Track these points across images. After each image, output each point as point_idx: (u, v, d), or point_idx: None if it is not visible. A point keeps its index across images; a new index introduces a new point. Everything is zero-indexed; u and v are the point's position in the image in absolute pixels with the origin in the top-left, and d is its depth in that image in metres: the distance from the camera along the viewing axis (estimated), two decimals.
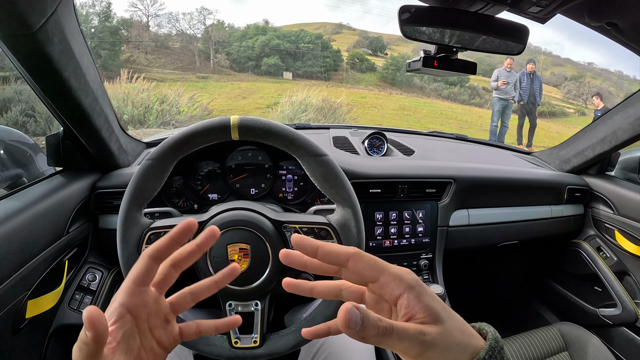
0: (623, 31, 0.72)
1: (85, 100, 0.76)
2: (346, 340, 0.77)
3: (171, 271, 0.39)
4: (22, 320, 0.73)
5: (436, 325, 0.33)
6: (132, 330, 0.37)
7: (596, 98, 6.75)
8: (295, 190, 1.06)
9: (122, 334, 0.35)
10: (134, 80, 6.83)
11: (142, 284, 0.37)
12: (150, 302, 0.38)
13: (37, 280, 0.75)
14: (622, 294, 1.24)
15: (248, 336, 0.62)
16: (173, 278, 0.40)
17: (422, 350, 0.32)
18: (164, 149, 0.59)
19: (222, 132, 0.58)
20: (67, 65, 0.66)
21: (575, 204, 1.36)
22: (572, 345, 1.06)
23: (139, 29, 16.49)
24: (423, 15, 0.68)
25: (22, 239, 0.71)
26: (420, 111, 12.70)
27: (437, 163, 1.21)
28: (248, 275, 0.60)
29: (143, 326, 0.38)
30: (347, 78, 17.02)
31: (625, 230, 1.22)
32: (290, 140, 0.59)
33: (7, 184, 0.95)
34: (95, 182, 0.96)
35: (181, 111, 6.82)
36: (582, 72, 19.71)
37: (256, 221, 0.60)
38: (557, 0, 0.64)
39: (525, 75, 6.35)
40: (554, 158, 1.44)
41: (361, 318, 0.29)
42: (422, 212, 1.12)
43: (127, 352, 0.36)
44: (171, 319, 0.40)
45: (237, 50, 17.26)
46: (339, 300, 0.61)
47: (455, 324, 0.34)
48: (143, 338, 0.38)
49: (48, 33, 0.58)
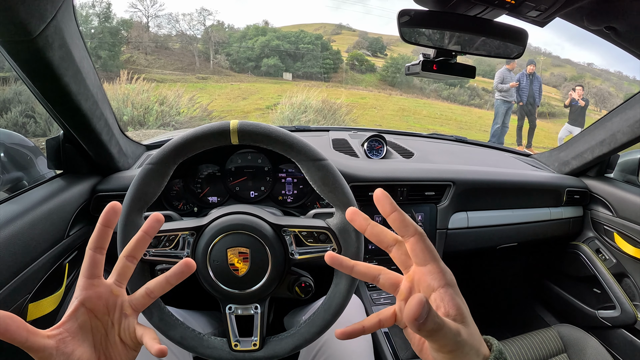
0: (622, 35, 0.72)
1: (86, 104, 0.76)
2: (345, 343, 0.77)
3: (126, 263, 0.41)
4: None
5: (464, 327, 0.34)
6: (89, 322, 0.39)
7: (579, 89, 6.73)
8: (295, 193, 1.06)
9: (78, 326, 0.37)
10: (133, 81, 6.83)
11: (91, 276, 0.39)
12: (105, 294, 0.40)
13: (37, 283, 0.75)
14: (621, 296, 1.24)
15: (248, 339, 0.63)
16: (130, 269, 0.42)
17: (455, 348, 0.33)
18: (164, 153, 0.59)
19: (221, 137, 0.59)
20: (67, 70, 0.67)
21: (575, 206, 1.36)
22: (571, 347, 1.06)
23: (139, 30, 16.50)
24: (422, 19, 0.69)
25: (22, 242, 0.71)
26: (419, 112, 12.71)
27: (436, 166, 1.21)
28: (248, 279, 0.60)
29: (105, 320, 0.40)
30: (347, 79, 17.04)
31: (624, 232, 1.22)
32: (289, 144, 0.59)
33: (8, 187, 0.95)
34: (96, 185, 0.96)
35: (181, 112, 6.82)
36: (582, 73, 19.74)
37: (256, 225, 0.60)
38: (556, 5, 0.64)
39: (525, 76, 6.35)
40: (553, 160, 1.44)
41: (427, 311, 0.29)
42: (422, 214, 1.12)
43: (94, 345, 0.39)
44: (129, 314, 0.41)
45: (237, 51, 17.27)
46: (338, 304, 0.61)
47: (475, 329, 0.35)
48: (110, 333, 0.40)
49: (48, 38, 0.58)
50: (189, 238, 0.61)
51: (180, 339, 0.61)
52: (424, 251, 0.37)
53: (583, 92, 6.53)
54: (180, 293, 1.18)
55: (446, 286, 0.35)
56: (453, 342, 0.32)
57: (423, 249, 0.37)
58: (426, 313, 0.29)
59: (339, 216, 0.61)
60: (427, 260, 0.37)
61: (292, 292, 0.66)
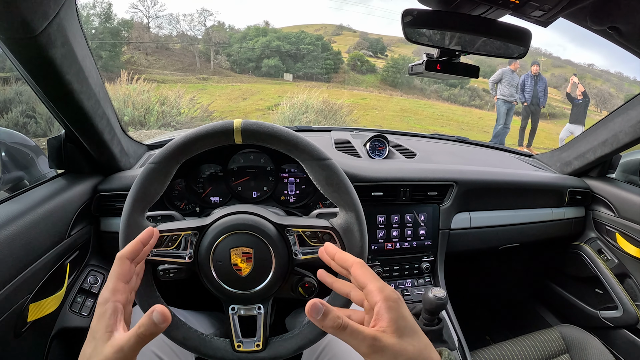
0: (625, 35, 0.72)
1: (88, 103, 0.76)
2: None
3: (126, 263, 0.47)
4: (24, 324, 0.73)
5: (393, 337, 0.40)
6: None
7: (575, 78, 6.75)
8: (297, 193, 1.05)
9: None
10: (134, 82, 6.83)
11: (126, 281, 0.47)
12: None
13: (39, 283, 0.75)
14: (623, 296, 1.24)
15: (251, 340, 0.62)
16: (130, 270, 0.48)
17: (369, 352, 0.40)
18: (166, 152, 0.58)
19: (225, 136, 0.58)
20: (69, 69, 0.66)
21: (577, 206, 1.36)
22: (573, 347, 1.06)
23: (140, 30, 16.49)
24: (425, 18, 0.68)
25: (24, 242, 0.71)
26: (420, 113, 12.70)
27: (439, 166, 1.21)
28: (251, 279, 0.60)
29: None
30: (348, 80, 17.03)
31: (626, 232, 1.21)
32: (293, 144, 0.58)
33: (9, 187, 0.95)
34: (97, 184, 0.96)
35: (182, 112, 6.81)
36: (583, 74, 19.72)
37: (259, 225, 0.60)
38: (559, 5, 0.64)
39: (530, 77, 6.37)
40: (555, 160, 1.44)
41: (323, 312, 0.41)
42: (424, 215, 1.12)
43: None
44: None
45: (238, 51, 17.27)
46: (341, 305, 0.61)
47: (416, 343, 0.41)
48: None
49: (51, 36, 0.58)
50: (192, 238, 0.61)
51: (183, 340, 0.61)
52: (361, 276, 0.45)
53: (583, 88, 6.54)
54: (183, 293, 1.18)
55: (382, 301, 0.42)
56: (365, 345, 0.40)
57: (360, 274, 0.46)
58: (321, 312, 0.41)
59: (343, 216, 0.61)
60: (365, 283, 0.45)
61: (296, 292, 0.66)
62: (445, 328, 0.97)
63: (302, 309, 0.98)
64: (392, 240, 1.09)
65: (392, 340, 0.40)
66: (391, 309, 0.42)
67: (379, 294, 0.43)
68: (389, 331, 0.41)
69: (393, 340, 0.40)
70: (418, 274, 1.14)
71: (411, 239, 1.11)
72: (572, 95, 6.63)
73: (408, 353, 0.40)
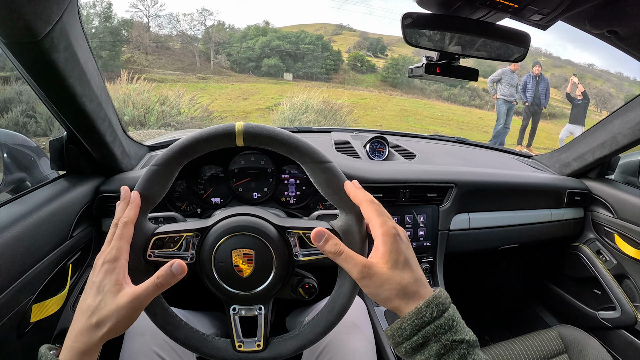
0: (624, 38, 0.73)
1: (90, 105, 0.77)
2: (349, 344, 0.78)
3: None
4: (27, 325, 0.73)
5: (384, 267, 0.45)
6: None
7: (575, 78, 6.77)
8: (298, 194, 1.06)
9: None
10: (134, 81, 6.83)
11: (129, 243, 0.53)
12: None
13: (41, 284, 0.75)
14: (622, 297, 1.24)
15: (252, 340, 0.63)
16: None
17: (360, 277, 0.45)
18: (169, 154, 0.59)
19: (227, 139, 0.59)
20: (72, 72, 0.67)
21: (575, 207, 1.36)
22: (571, 347, 1.07)
23: (140, 30, 16.50)
24: (425, 22, 0.69)
25: (26, 243, 0.71)
26: (420, 113, 12.71)
27: (438, 167, 1.21)
28: (252, 280, 0.60)
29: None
30: (348, 79, 17.04)
31: (625, 233, 1.22)
32: (294, 147, 0.59)
33: (11, 188, 0.95)
34: (99, 186, 0.96)
35: (182, 112, 6.81)
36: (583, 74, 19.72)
37: (260, 227, 0.60)
38: (558, 9, 0.64)
39: (531, 77, 6.38)
40: (554, 162, 1.45)
41: (325, 237, 0.48)
42: (424, 216, 1.12)
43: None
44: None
45: (238, 51, 17.28)
46: (341, 306, 0.61)
47: (406, 276, 0.45)
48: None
49: (54, 40, 0.58)
50: (194, 239, 0.61)
51: (184, 340, 0.62)
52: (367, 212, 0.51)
53: (583, 89, 6.55)
54: (183, 294, 1.19)
55: (380, 235, 0.47)
56: (356, 271, 0.45)
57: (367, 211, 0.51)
58: (321, 239, 0.49)
59: (343, 218, 0.61)
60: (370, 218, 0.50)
61: (296, 293, 0.66)
62: None
63: (303, 309, 0.99)
64: None
65: (382, 269, 0.45)
66: (386, 243, 0.46)
67: (379, 229, 0.47)
68: (381, 262, 0.45)
69: (383, 270, 0.45)
70: None
71: (411, 240, 1.11)
72: (572, 95, 6.64)
73: (395, 282, 0.44)
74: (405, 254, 0.46)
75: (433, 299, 0.43)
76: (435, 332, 0.42)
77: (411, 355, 0.43)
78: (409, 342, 0.43)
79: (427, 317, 0.42)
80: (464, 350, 0.41)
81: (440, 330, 0.42)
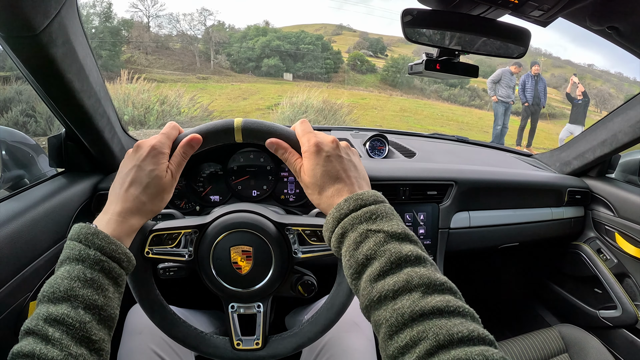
0: (624, 35, 0.72)
1: (88, 101, 0.76)
2: (348, 342, 0.77)
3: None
4: (24, 322, 0.73)
5: (308, 179, 0.51)
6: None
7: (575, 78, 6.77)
8: (297, 192, 1.06)
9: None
10: (134, 81, 6.83)
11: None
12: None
13: (39, 281, 0.75)
14: (622, 296, 1.24)
15: (250, 338, 0.62)
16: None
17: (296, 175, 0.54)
18: None
19: (225, 135, 0.58)
20: (70, 67, 0.66)
21: (576, 206, 1.36)
22: (572, 347, 1.06)
23: (140, 30, 16.49)
24: (425, 18, 0.69)
25: (24, 240, 0.71)
26: (420, 113, 12.71)
27: (438, 165, 1.21)
28: (251, 278, 0.60)
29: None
30: (348, 79, 17.04)
31: (626, 232, 1.22)
32: (293, 142, 0.59)
33: (9, 185, 0.95)
34: (97, 183, 0.96)
35: (182, 112, 6.82)
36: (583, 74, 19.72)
37: (259, 223, 0.60)
38: (559, 4, 0.64)
39: (530, 77, 6.38)
40: (555, 160, 1.44)
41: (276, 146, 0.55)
42: (424, 214, 1.12)
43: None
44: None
45: (238, 51, 17.27)
46: (341, 303, 0.61)
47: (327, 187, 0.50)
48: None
49: (52, 35, 0.58)
50: (192, 236, 0.61)
51: (183, 338, 0.61)
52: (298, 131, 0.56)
53: (583, 89, 6.55)
54: (182, 293, 1.18)
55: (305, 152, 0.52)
56: (293, 169, 0.54)
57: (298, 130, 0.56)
58: (273, 146, 0.55)
59: None
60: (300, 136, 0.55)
61: (295, 290, 0.66)
62: None
63: (302, 308, 0.98)
64: None
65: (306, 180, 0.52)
66: (308, 159, 0.51)
67: (303, 147, 0.53)
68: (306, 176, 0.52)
69: (306, 180, 0.52)
70: None
71: None
72: (572, 95, 6.64)
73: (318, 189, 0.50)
74: (324, 168, 0.50)
75: (353, 195, 0.47)
76: (352, 222, 0.45)
77: (337, 247, 0.47)
78: (333, 235, 0.47)
79: (345, 209, 0.46)
80: (381, 238, 0.43)
81: (356, 221, 0.45)
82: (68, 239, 0.47)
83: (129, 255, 0.49)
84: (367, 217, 0.45)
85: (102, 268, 0.45)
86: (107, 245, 0.46)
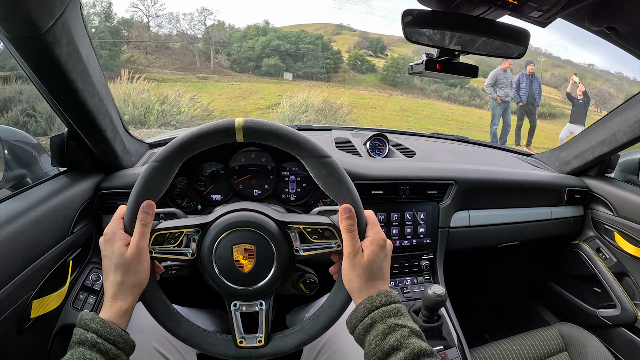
0: (622, 35, 0.73)
1: (91, 101, 0.77)
2: (349, 340, 0.77)
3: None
4: (27, 320, 0.73)
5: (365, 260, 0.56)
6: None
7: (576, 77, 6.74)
8: (298, 191, 1.06)
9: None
10: (134, 81, 6.82)
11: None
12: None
13: (42, 280, 0.76)
14: (622, 294, 1.24)
15: (253, 336, 0.63)
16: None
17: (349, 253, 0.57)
18: (169, 151, 0.59)
19: (227, 134, 0.59)
20: (74, 67, 0.67)
21: (575, 205, 1.37)
22: (571, 345, 1.07)
23: (140, 29, 16.47)
24: (425, 18, 0.69)
25: (27, 239, 0.71)
26: (420, 112, 12.70)
27: (438, 165, 1.21)
28: (253, 276, 0.61)
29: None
30: (348, 79, 17.01)
31: (625, 231, 1.22)
32: (294, 142, 0.59)
33: (12, 184, 0.95)
34: (99, 182, 0.96)
35: (182, 111, 6.82)
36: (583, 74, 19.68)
37: (261, 222, 0.61)
38: (557, 5, 0.65)
39: (525, 76, 6.37)
40: (554, 160, 1.45)
41: (350, 215, 0.57)
42: (424, 213, 1.12)
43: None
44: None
45: (238, 50, 17.24)
46: (342, 301, 0.61)
47: (374, 273, 0.56)
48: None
49: (56, 35, 0.59)
50: (194, 235, 0.61)
51: (185, 336, 0.62)
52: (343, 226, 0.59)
53: (584, 88, 6.54)
54: (185, 291, 1.19)
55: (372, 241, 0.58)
56: (353, 249, 0.57)
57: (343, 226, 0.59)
58: (348, 213, 0.57)
59: None
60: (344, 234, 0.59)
61: (297, 288, 0.67)
62: (445, 325, 0.98)
63: (303, 306, 0.99)
64: (391, 238, 1.10)
65: (362, 261, 0.56)
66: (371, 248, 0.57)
67: (371, 235, 0.58)
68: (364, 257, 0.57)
69: (362, 261, 0.56)
70: (417, 271, 1.15)
71: (411, 237, 1.12)
72: (572, 95, 6.63)
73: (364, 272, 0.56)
74: (380, 263, 0.57)
75: (384, 291, 0.54)
76: (382, 315, 0.52)
77: (363, 337, 0.53)
78: (361, 323, 0.53)
79: (377, 303, 0.53)
80: (406, 333, 0.50)
81: (386, 315, 0.52)
82: (75, 325, 0.53)
83: (125, 336, 0.53)
84: (394, 312, 0.52)
85: (99, 349, 0.50)
86: (101, 328, 0.51)
